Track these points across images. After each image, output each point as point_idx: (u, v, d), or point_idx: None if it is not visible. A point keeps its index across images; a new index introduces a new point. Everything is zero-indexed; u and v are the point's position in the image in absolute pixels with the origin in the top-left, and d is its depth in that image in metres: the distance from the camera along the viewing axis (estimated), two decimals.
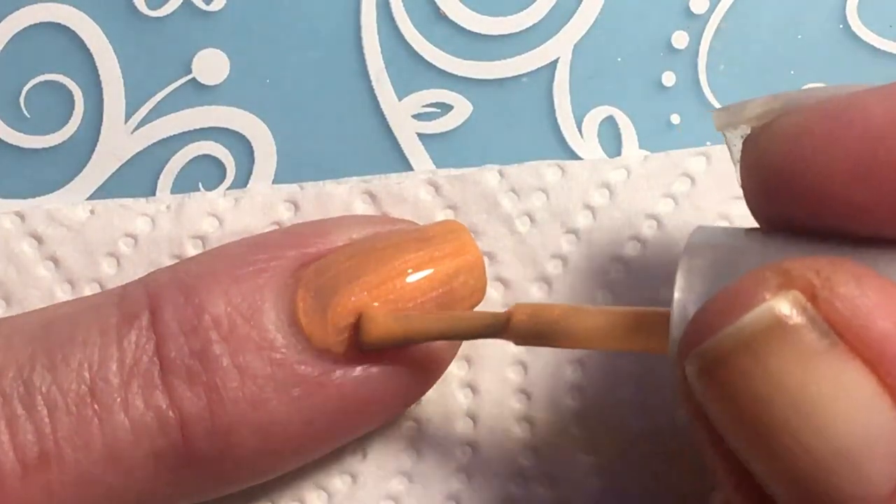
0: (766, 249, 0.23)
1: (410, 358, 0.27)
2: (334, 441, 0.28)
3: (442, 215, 0.30)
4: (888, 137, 0.21)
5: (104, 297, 0.27)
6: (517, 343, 0.25)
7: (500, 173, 0.30)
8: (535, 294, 0.30)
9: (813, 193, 0.22)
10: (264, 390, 0.26)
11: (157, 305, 0.26)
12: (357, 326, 0.26)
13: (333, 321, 0.26)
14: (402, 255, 0.27)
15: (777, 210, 0.23)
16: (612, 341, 0.25)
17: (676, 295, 0.23)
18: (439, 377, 0.28)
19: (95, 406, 0.25)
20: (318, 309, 0.26)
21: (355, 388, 0.27)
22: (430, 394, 0.29)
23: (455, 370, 0.30)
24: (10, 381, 0.25)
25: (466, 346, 0.29)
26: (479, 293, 0.28)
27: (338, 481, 0.30)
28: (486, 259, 0.30)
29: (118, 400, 0.26)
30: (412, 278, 0.27)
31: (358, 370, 0.27)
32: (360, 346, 0.26)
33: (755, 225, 0.25)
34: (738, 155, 0.25)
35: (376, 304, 0.26)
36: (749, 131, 0.24)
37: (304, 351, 0.26)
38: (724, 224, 0.29)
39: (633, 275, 0.30)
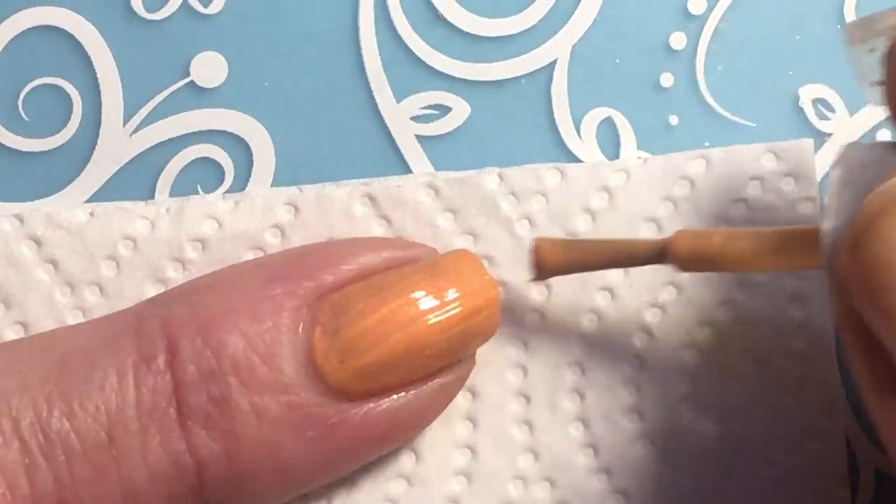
0: None
1: (418, 392, 0.27)
2: (347, 471, 0.28)
3: (442, 218, 0.30)
4: None
5: (119, 328, 0.27)
6: (680, 269, 0.26)
7: (500, 176, 0.30)
8: (535, 297, 0.30)
9: None
10: (280, 433, 0.26)
11: (175, 346, 0.26)
12: (531, 257, 0.28)
13: (351, 363, 0.26)
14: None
15: None
16: (770, 261, 0.25)
17: (829, 214, 0.23)
18: (446, 407, 0.29)
19: (113, 452, 0.25)
20: (336, 351, 0.26)
21: (369, 425, 0.27)
22: None
23: None
24: (28, 426, 0.25)
25: None
26: (494, 328, 0.28)
27: (337, 483, 0.30)
28: (485, 262, 0.30)
29: (136, 447, 0.25)
30: (433, 320, 0.27)
31: (370, 407, 0.27)
32: (535, 275, 0.28)
33: (755, 227, 0.25)
34: (865, 70, 0.24)
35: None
36: (880, 45, 0.23)
37: (320, 392, 0.26)
38: (725, 226, 0.29)
39: (632, 278, 0.30)
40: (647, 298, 0.29)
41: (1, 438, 0.25)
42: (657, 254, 0.27)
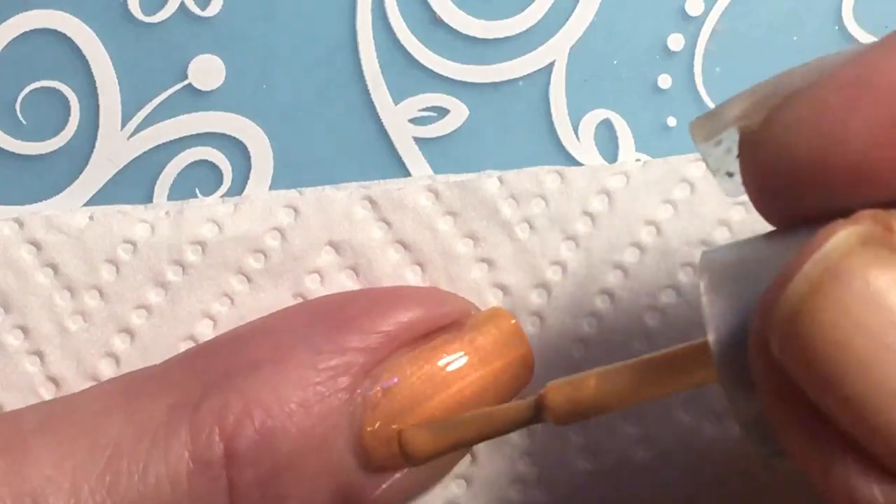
0: (792, 244, 0.21)
1: None
2: None
3: (442, 221, 0.30)
4: None
5: (171, 420, 0.26)
6: (560, 424, 0.25)
7: (500, 180, 0.30)
8: (535, 301, 0.30)
9: (851, 169, 0.20)
10: None
11: (233, 450, 0.26)
12: (400, 448, 0.27)
13: (400, 446, 0.27)
14: (466, 377, 0.27)
15: (801, 203, 0.22)
16: (655, 390, 0.24)
17: (710, 325, 0.22)
18: (463, 457, 0.29)
19: None
20: (385, 434, 0.27)
21: (400, 490, 0.28)
22: None
23: None
24: None
25: None
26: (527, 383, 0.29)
27: None
28: (485, 265, 0.30)
29: None
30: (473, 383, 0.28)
31: (402, 475, 0.28)
32: (409, 465, 0.27)
33: (754, 230, 0.24)
34: (717, 164, 0.23)
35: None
36: (726, 136, 0.23)
37: (364, 471, 0.27)
38: (724, 230, 0.29)
39: (632, 281, 0.30)
40: (647, 301, 0.30)
41: None
42: (532, 414, 0.25)
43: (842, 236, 0.19)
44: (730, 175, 0.24)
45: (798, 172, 0.21)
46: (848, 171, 0.20)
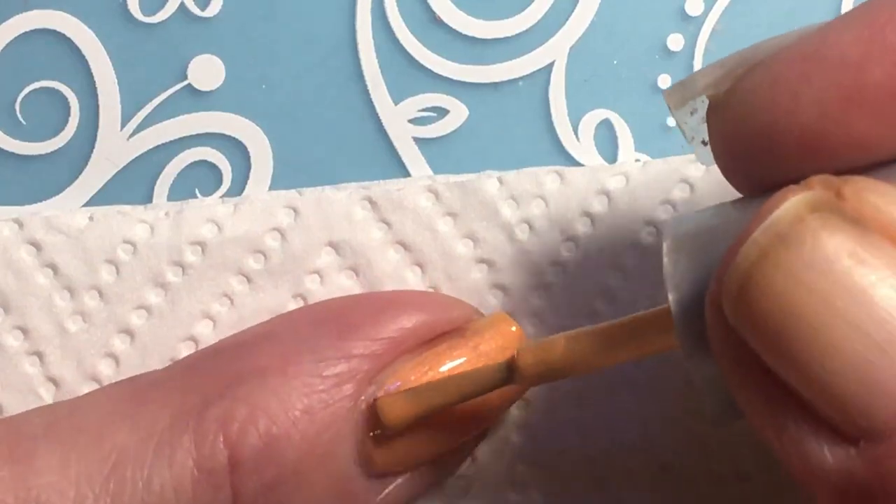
0: (753, 211, 0.21)
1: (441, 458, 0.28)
2: None
3: (441, 222, 0.30)
4: (867, 60, 0.21)
5: (174, 426, 0.26)
6: (530, 385, 0.26)
7: (500, 180, 0.30)
8: (535, 301, 0.30)
9: (804, 138, 0.21)
10: None
11: (237, 460, 0.26)
12: (374, 416, 0.27)
13: (402, 451, 0.27)
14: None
15: (762, 170, 0.22)
16: (621, 354, 0.25)
17: (669, 285, 0.23)
18: (465, 461, 0.29)
19: None
20: (387, 441, 0.27)
21: (401, 495, 0.28)
22: None
23: None
24: None
25: None
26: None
27: None
28: (485, 266, 0.30)
29: None
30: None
31: (403, 479, 0.28)
32: (385, 431, 0.27)
33: None
34: (692, 132, 0.24)
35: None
36: (700, 105, 0.24)
37: (367, 477, 0.27)
38: None
39: (632, 281, 0.30)
40: (647, 302, 0.29)
41: None
42: (503, 376, 0.26)
43: (791, 203, 0.20)
44: (704, 144, 0.24)
45: (756, 140, 0.22)
46: (800, 140, 0.21)
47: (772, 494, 0.29)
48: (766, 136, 0.22)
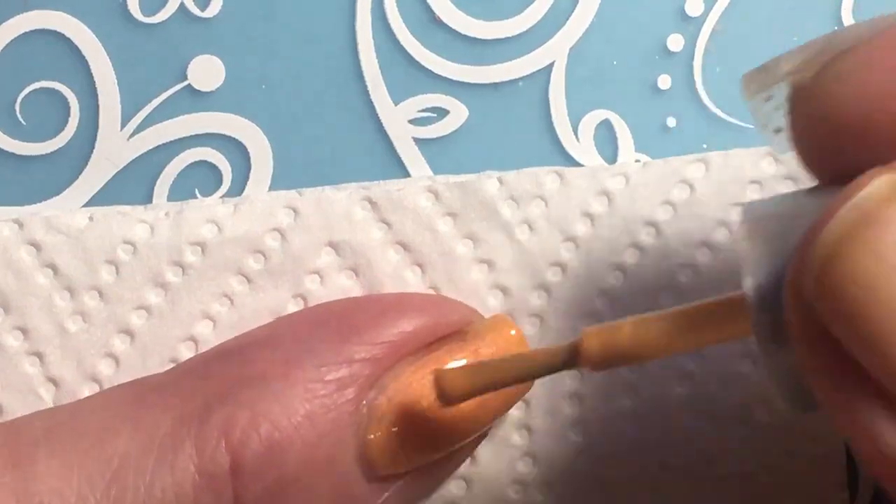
0: (832, 196, 0.21)
1: (440, 460, 0.28)
2: None
3: (441, 222, 0.30)
4: None
5: (175, 432, 0.26)
6: (594, 370, 0.25)
7: (500, 181, 0.30)
8: (535, 301, 0.30)
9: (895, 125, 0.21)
10: None
11: (239, 465, 0.26)
12: (437, 388, 0.27)
13: (404, 453, 0.27)
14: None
15: (846, 158, 0.22)
16: (690, 341, 0.24)
17: (747, 270, 0.22)
18: (464, 462, 0.30)
19: None
20: (390, 442, 0.27)
21: (402, 498, 0.28)
22: None
23: None
24: None
25: None
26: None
27: None
28: (485, 266, 0.30)
29: None
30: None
31: (404, 482, 0.28)
32: (444, 403, 0.27)
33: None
34: (765, 119, 0.24)
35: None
36: (776, 91, 0.23)
37: (368, 480, 0.27)
38: (724, 231, 0.29)
39: (632, 282, 0.30)
40: (647, 302, 0.30)
41: None
42: (567, 358, 0.25)
43: (878, 183, 0.19)
44: (777, 131, 0.24)
45: (845, 127, 0.21)
46: (891, 128, 0.21)
47: (772, 494, 0.29)
48: (857, 123, 0.21)
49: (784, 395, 0.22)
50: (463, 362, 0.28)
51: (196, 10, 0.31)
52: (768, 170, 0.30)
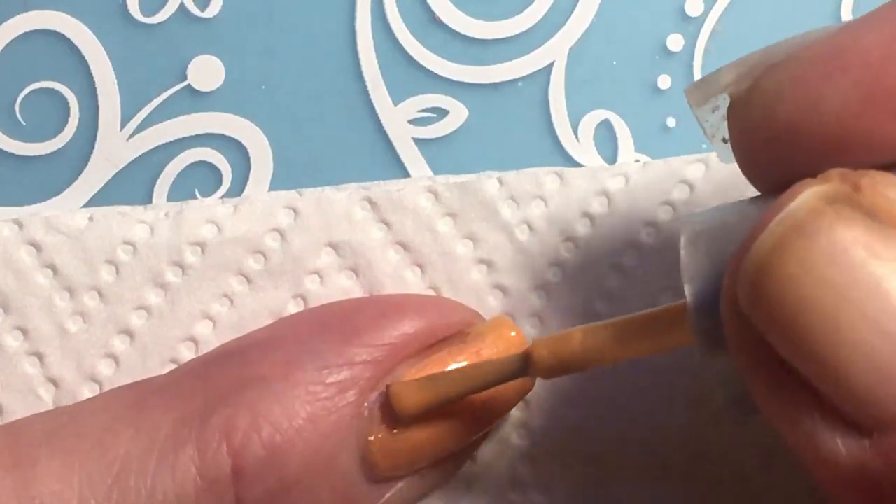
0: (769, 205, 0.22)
1: (440, 461, 0.28)
2: None
3: (441, 222, 0.30)
4: (889, 60, 0.21)
5: (177, 434, 0.26)
6: (544, 378, 0.26)
7: (500, 181, 0.30)
8: (535, 302, 0.30)
9: (824, 136, 0.21)
10: None
11: (241, 468, 0.26)
12: (388, 403, 0.27)
13: (405, 455, 0.27)
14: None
15: (781, 168, 0.22)
16: (637, 348, 0.25)
17: (686, 278, 0.22)
18: (465, 463, 0.30)
19: None
20: (390, 445, 0.27)
21: (403, 499, 0.28)
22: None
23: None
24: None
25: None
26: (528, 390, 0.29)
27: None
28: (485, 266, 0.30)
29: None
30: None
31: (404, 483, 0.28)
32: (398, 420, 0.27)
33: None
34: (713, 130, 0.25)
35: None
36: (722, 102, 0.24)
37: (368, 480, 0.27)
38: None
39: (631, 282, 0.30)
40: (647, 303, 0.29)
41: None
42: (518, 367, 0.26)
43: (808, 194, 0.20)
44: (724, 141, 0.25)
45: (778, 138, 0.22)
46: (822, 138, 0.21)
47: (772, 494, 0.29)
48: (787, 134, 0.22)
49: (728, 399, 0.23)
50: (464, 365, 0.28)
51: (196, 11, 0.31)
52: None
